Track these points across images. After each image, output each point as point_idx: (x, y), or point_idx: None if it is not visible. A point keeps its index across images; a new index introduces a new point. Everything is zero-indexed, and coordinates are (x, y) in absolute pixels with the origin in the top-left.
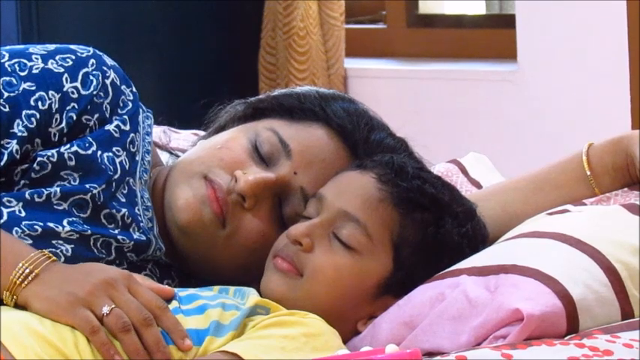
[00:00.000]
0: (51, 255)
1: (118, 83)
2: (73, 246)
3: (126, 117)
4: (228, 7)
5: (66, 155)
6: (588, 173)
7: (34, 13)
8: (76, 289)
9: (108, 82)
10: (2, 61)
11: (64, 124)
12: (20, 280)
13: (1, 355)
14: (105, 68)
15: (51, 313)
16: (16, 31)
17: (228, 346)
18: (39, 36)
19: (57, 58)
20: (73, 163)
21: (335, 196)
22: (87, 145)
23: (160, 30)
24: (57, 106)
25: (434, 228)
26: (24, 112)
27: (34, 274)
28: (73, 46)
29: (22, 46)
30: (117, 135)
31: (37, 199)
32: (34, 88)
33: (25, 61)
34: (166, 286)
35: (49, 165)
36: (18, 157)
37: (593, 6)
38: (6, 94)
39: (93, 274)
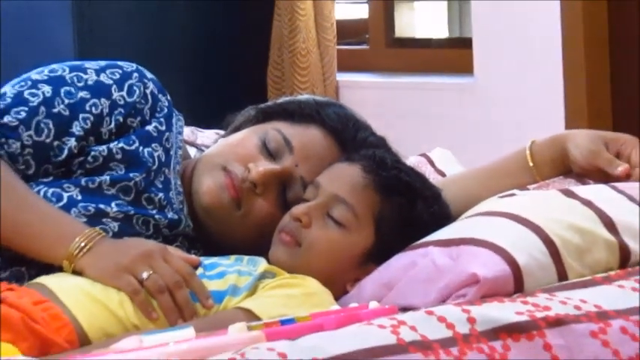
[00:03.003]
0: (101, 231)
1: (156, 92)
2: (119, 224)
3: (162, 119)
4: (243, 32)
5: (114, 150)
6: (531, 164)
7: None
8: (121, 259)
9: (148, 91)
10: (63, 74)
11: (112, 125)
12: (77, 251)
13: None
14: (145, 80)
15: (101, 279)
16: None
17: (243, 304)
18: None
19: (107, 72)
20: (119, 156)
21: (329, 183)
22: (131, 142)
23: (188, 50)
24: (107, 110)
25: (408, 209)
26: (81, 116)
27: (88, 247)
28: (120, 63)
29: (79, 62)
30: (155, 134)
31: (90, 186)
32: (88, 96)
33: (81, 74)
34: (193, 255)
35: (101, 158)
36: (75, 151)
37: (535, 32)
38: (67, 101)
39: (135, 247)
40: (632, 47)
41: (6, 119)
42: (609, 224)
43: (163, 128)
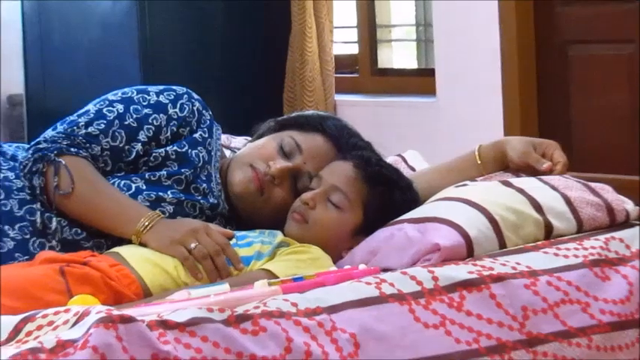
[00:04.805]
0: (160, 214)
1: (201, 109)
2: (173, 207)
3: (206, 129)
4: (266, 65)
5: (169, 152)
6: (479, 162)
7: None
8: (175, 234)
9: (195, 108)
10: (132, 95)
11: (168, 133)
12: (142, 229)
13: (130, 272)
14: (193, 100)
15: (160, 249)
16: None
17: (265, 266)
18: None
19: (164, 94)
20: (174, 156)
21: (329, 176)
22: (182, 146)
23: (226, 80)
24: (164, 123)
25: (387, 195)
26: (145, 127)
27: (150, 225)
28: (174, 87)
29: (143, 87)
30: (200, 140)
31: (152, 178)
32: (151, 112)
33: (145, 95)
34: (228, 229)
35: (160, 158)
36: (141, 153)
37: (481, 65)
38: (135, 116)
39: (185, 225)
40: (557, 89)
41: (90, 129)
42: (537, 207)
43: (206, 135)
